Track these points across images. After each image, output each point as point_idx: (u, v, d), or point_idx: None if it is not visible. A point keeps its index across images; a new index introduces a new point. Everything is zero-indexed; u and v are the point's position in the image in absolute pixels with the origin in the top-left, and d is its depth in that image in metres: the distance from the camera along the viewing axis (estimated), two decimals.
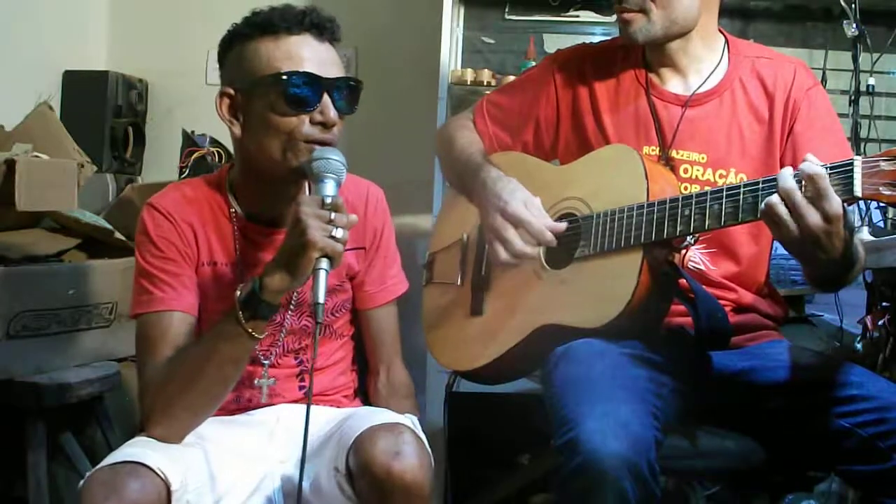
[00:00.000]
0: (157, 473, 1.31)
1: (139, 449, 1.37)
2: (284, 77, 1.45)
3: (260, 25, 1.49)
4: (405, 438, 1.35)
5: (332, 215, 1.34)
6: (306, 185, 1.55)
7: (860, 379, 1.52)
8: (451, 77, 3.04)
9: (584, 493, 1.31)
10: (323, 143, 1.46)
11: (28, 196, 2.11)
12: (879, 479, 1.43)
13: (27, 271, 2.14)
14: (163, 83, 3.59)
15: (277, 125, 1.46)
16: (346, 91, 1.49)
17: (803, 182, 1.32)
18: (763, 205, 1.35)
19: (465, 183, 1.78)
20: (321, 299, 1.32)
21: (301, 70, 1.45)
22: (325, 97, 1.46)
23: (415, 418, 1.47)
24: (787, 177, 1.33)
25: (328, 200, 1.36)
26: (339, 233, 1.34)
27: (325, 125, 1.46)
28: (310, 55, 1.47)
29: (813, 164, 1.31)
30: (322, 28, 1.49)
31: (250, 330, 1.37)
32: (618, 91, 1.76)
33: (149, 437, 1.43)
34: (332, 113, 1.46)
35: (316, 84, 1.46)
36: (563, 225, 1.65)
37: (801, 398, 1.53)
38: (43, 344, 2.15)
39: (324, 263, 1.33)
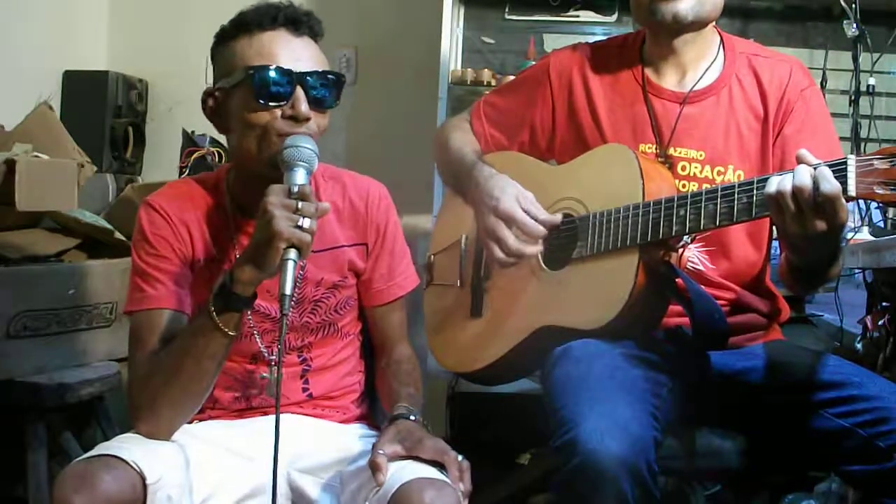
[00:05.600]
0: (131, 466, 1.30)
1: (118, 443, 1.37)
2: (252, 72, 1.45)
3: (237, 24, 1.50)
4: (449, 497, 1.33)
5: (300, 204, 1.32)
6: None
7: (860, 379, 1.52)
8: (451, 77, 3.04)
9: (583, 494, 1.31)
10: None
11: (28, 196, 2.11)
12: (879, 479, 1.43)
13: (27, 271, 2.15)
14: (163, 83, 3.60)
15: (251, 121, 1.46)
16: (322, 84, 1.47)
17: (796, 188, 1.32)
18: (775, 191, 1.34)
19: (460, 183, 1.78)
20: (288, 290, 1.29)
21: (269, 64, 1.45)
22: (298, 91, 1.44)
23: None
24: (803, 173, 1.32)
25: (295, 189, 1.34)
26: (306, 222, 1.31)
27: (296, 119, 1.44)
28: (281, 50, 1.46)
29: (803, 175, 1.32)
30: (297, 22, 1.48)
31: (220, 324, 1.36)
32: (614, 89, 1.75)
33: (137, 433, 1.42)
34: (303, 106, 1.44)
35: (285, 77, 1.44)
36: (557, 217, 1.65)
37: (801, 398, 1.52)
38: (43, 344, 2.15)
39: (292, 254, 1.30)
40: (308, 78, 1.46)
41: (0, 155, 2.12)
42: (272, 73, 1.44)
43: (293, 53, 1.46)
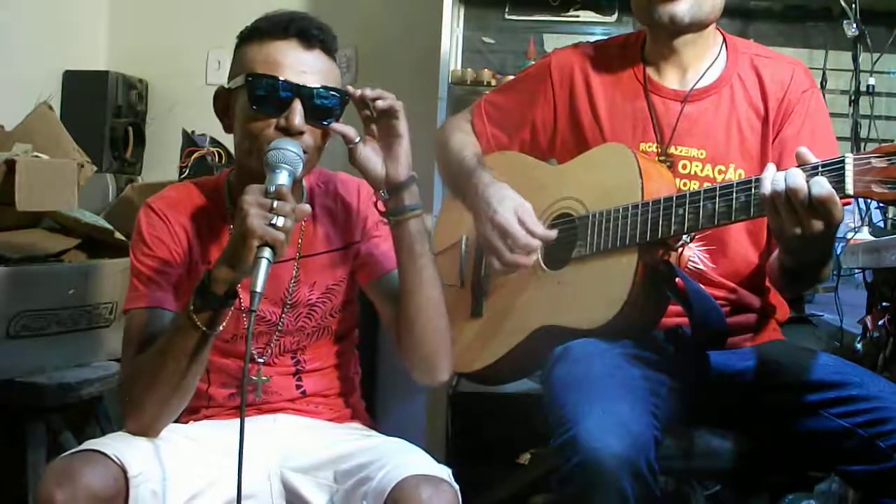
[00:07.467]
0: (112, 460, 1.31)
1: (103, 439, 1.38)
2: (251, 79, 1.45)
3: (252, 30, 1.50)
4: (446, 494, 1.35)
5: (275, 203, 1.32)
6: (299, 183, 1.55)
7: (860, 379, 1.52)
8: (451, 77, 3.04)
9: (584, 492, 1.31)
10: None
11: (28, 196, 2.11)
12: (879, 479, 1.43)
13: (27, 271, 2.14)
14: (163, 83, 3.59)
15: (247, 127, 1.46)
16: (323, 99, 1.46)
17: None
18: (769, 192, 1.34)
19: (459, 187, 1.79)
20: (259, 288, 1.29)
21: (269, 73, 1.45)
22: (295, 104, 1.44)
23: (449, 471, 1.42)
24: (796, 175, 1.33)
25: (272, 189, 1.34)
26: (280, 221, 1.31)
27: (289, 132, 1.44)
28: (287, 61, 1.46)
29: (797, 176, 1.32)
30: (308, 35, 1.47)
31: (198, 322, 1.36)
32: (615, 88, 1.75)
33: (126, 431, 1.43)
34: (297, 119, 1.44)
35: (283, 89, 1.44)
36: (553, 233, 1.65)
37: (801, 398, 1.53)
38: (43, 344, 2.15)
39: (266, 252, 1.30)
40: (308, 92, 1.45)
41: (0, 155, 2.11)
42: (270, 83, 1.44)
43: (299, 66, 1.46)
